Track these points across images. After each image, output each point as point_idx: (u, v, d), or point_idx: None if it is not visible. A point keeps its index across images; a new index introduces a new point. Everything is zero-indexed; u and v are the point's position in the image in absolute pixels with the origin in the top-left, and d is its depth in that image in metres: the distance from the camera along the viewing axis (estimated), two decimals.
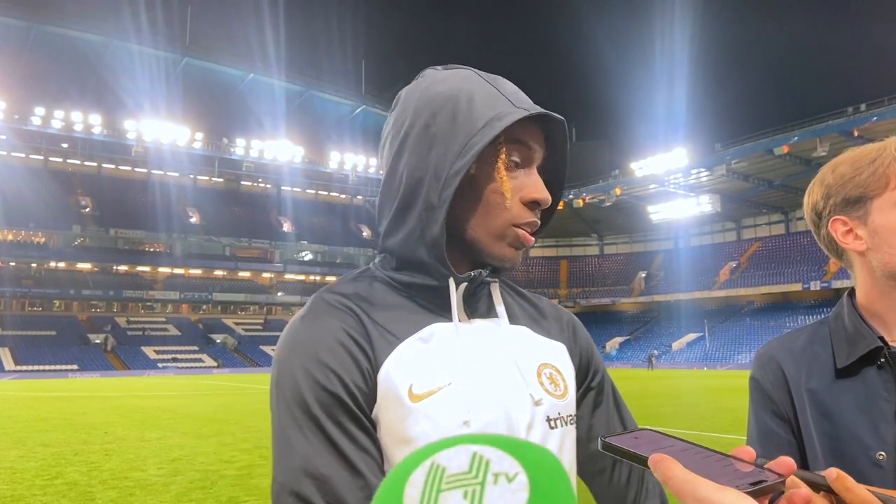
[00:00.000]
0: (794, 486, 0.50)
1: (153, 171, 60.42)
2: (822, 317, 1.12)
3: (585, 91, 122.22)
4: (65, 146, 59.41)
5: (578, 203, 55.59)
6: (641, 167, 53.70)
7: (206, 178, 64.94)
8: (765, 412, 1.08)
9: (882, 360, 0.98)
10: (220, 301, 58.16)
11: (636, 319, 61.57)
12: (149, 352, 47.86)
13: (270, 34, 64.44)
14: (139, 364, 45.23)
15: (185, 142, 59.10)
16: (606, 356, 51.79)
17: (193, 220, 59.87)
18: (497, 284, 0.93)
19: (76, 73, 54.73)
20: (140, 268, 57.41)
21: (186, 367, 45.55)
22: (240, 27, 75.40)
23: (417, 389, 0.79)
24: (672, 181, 52.01)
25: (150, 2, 55.85)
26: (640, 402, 16.97)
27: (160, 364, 45.75)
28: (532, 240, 0.88)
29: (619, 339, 57.30)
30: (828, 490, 0.54)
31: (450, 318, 0.86)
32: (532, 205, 0.87)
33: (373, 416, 0.79)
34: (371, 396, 0.79)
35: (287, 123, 62.91)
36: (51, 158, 58.75)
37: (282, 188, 67.52)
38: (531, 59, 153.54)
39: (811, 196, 1.09)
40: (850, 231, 1.03)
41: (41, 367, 41.44)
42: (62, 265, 53.41)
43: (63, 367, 41.68)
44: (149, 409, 16.74)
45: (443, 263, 0.85)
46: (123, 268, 56.70)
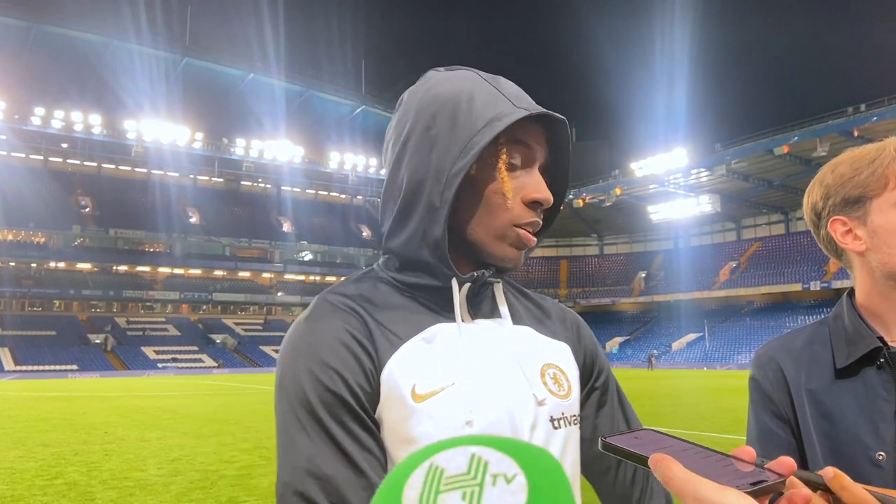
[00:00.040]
0: (794, 487, 0.50)
1: (153, 171, 60.41)
2: (822, 317, 1.12)
3: (585, 91, 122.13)
4: (65, 146, 59.42)
5: (578, 203, 55.55)
6: (641, 167, 53.70)
7: (206, 178, 64.93)
8: (764, 412, 1.08)
9: (881, 361, 0.98)
10: (220, 301, 58.19)
11: (636, 319, 61.58)
12: (149, 352, 47.85)
13: (270, 34, 64.59)
14: (139, 364, 45.23)
15: (185, 142, 59.12)
16: (606, 356, 51.69)
17: (193, 220, 59.88)
18: (500, 285, 0.93)
19: (76, 73, 54.77)
20: (140, 268, 57.41)
21: (186, 368, 45.54)
22: (240, 27, 75.44)
23: (420, 390, 0.79)
24: (672, 181, 52.00)
25: (150, 2, 55.97)
26: (640, 403, 16.96)
27: (160, 364, 45.74)
28: (534, 240, 0.88)
29: (619, 339, 57.29)
30: (826, 489, 0.55)
31: (453, 319, 0.86)
32: (533, 205, 0.86)
33: (376, 417, 0.79)
34: (374, 397, 0.79)
35: (287, 123, 62.93)
36: (51, 158, 58.75)
37: (282, 188, 67.52)
38: (531, 59, 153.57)
39: (811, 196, 1.09)
40: (850, 231, 1.03)
41: (41, 367, 41.44)
42: (62, 265, 53.41)
43: (63, 367, 41.68)
44: (149, 409, 16.74)
45: (445, 264, 0.85)
46: (123, 268, 56.71)
